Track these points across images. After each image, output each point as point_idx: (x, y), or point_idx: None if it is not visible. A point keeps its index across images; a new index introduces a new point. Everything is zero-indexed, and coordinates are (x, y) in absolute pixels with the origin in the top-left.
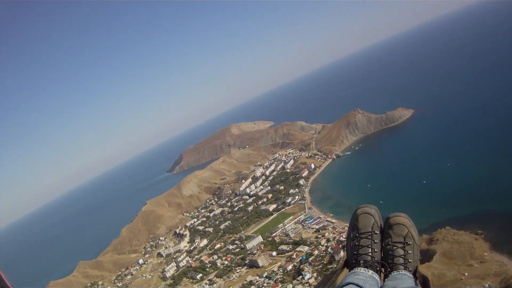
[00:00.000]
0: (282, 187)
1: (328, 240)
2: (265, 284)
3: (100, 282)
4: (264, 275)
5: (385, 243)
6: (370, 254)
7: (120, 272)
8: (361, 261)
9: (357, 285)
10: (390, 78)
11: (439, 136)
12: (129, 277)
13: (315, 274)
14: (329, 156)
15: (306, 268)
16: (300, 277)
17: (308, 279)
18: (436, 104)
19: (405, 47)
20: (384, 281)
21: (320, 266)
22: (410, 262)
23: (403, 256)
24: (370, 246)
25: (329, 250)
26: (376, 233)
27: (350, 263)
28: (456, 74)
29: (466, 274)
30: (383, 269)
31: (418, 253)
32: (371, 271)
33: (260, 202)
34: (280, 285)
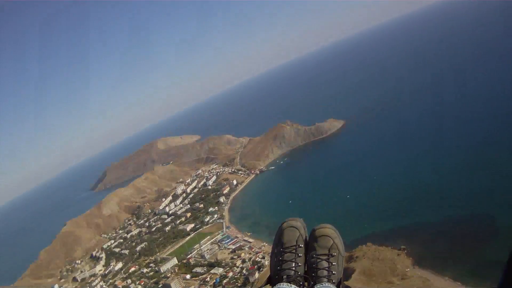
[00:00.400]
0: (201, 205)
1: (243, 261)
2: None
3: None
4: None
5: (309, 256)
6: (293, 268)
7: None
8: (284, 276)
9: None
10: (324, 87)
11: (366, 148)
12: None
13: None
14: (252, 172)
15: None
16: None
17: None
18: (368, 115)
19: (342, 56)
20: None
21: None
22: (334, 274)
23: (327, 269)
24: (293, 260)
25: (244, 271)
26: (301, 247)
27: (273, 279)
28: (391, 84)
29: None
30: (306, 283)
31: (343, 264)
32: (293, 286)
33: (178, 222)
34: None
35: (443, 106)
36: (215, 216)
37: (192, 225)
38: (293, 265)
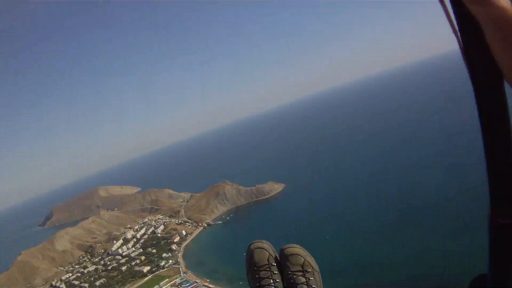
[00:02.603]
0: (154, 250)
1: None
2: None
3: None
4: None
5: (284, 274)
6: (272, 284)
7: None
8: None
9: None
10: (258, 150)
11: (311, 210)
12: None
13: None
14: (200, 224)
15: None
16: None
17: None
18: (306, 179)
19: (276, 121)
20: None
21: None
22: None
23: (305, 283)
24: (270, 277)
25: None
26: (274, 265)
27: None
28: (328, 149)
29: None
30: None
31: (320, 279)
32: None
33: (133, 263)
34: None
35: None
36: (170, 261)
37: (148, 267)
38: (271, 281)
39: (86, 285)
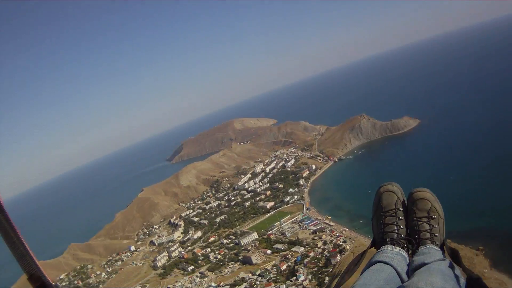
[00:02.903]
0: (281, 185)
1: (325, 243)
2: (257, 283)
3: (89, 266)
4: (257, 273)
5: (410, 219)
6: (396, 231)
7: (110, 257)
8: (388, 239)
9: (385, 262)
10: (398, 87)
11: (444, 148)
12: (119, 263)
13: (309, 277)
14: (331, 159)
15: (301, 269)
16: (294, 278)
17: (302, 281)
18: (443, 116)
19: (416, 58)
20: (412, 256)
21: (315, 268)
22: (436, 236)
23: (429, 231)
24: (395, 223)
25: (326, 253)
26: (400, 210)
27: (377, 242)
28: (469, 87)
29: None
30: (410, 245)
31: (444, 226)
32: (398, 248)
33: (257, 199)
34: (273, 285)
35: None
36: (295, 197)
37: (272, 203)
38: (395, 228)
39: (206, 221)
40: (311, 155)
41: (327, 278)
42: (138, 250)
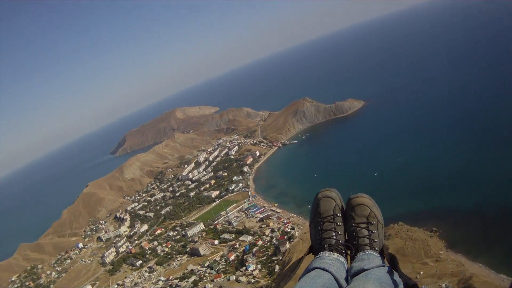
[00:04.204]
0: (225, 174)
1: (272, 231)
2: (206, 275)
3: (40, 266)
4: (206, 265)
5: (348, 225)
6: (334, 237)
7: (60, 256)
8: (326, 245)
9: (323, 269)
10: (341, 69)
11: (389, 129)
12: (68, 261)
13: (259, 266)
14: (275, 144)
15: (250, 259)
16: (244, 268)
17: (252, 270)
18: (387, 96)
19: (358, 40)
20: (351, 262)
21: (265, 257)
22: (375, 241)
23: (367, 237)
24: (333, 229)
25: (274, 241)
26: (338, 216)
27: (315, 248)
28: (410, 68)
29: (421, 272)
30: (349, 251)
31: (383, 232)
32: (336, 254)
33: (202, 188)
34: (223, 276)
35: (457, 91)
36: (240, 185)
37: (217, 192)
38: (333, 234)
39: (152, 214)
40: (255, 142)
41: (277, 267)
42: (86, 247)
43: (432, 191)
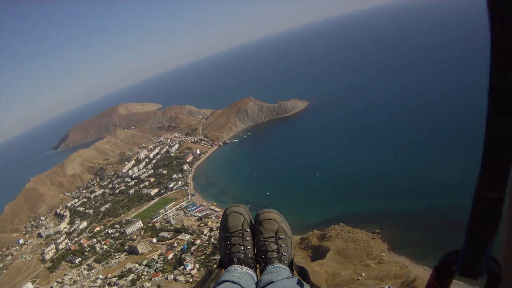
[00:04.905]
0: (165, 171)
1: (211, 230)
2: (144, 273)
3: None
4: (144, 263)
5: (257, 239)
6: (243, 251)
7: (1, 252)
8: (235, 259)
9: (232, 281)
10: (289, 69)
11: (331, 130)
12: (9, 257)
13: (197, 265)
14: (215, 143)
15: (188, 258)
16: (182, 267)
17: (190, 269)
18: (331, 97)
19: (308, 41)
20: (260, 276)
21: (203, 256)
22: (284, 255)
23: (276, 250)
24: (242, 244)
25: (212, 240)
26: (247, 231)
27: (225, 262)
28: (356, 69)
29: (364, 274)
30: (258, 265)
31: (292, 246)
32: (245, 268)
33: (142, 186)
34: (161, 275)
35: (403, 94)
36: (179, 183)
37: (156, 190)
38: (242, 248)
39: (91, 211)
40: (196, 140)
41: (215, 266)
42: (26, 243)
43: (375, 193)
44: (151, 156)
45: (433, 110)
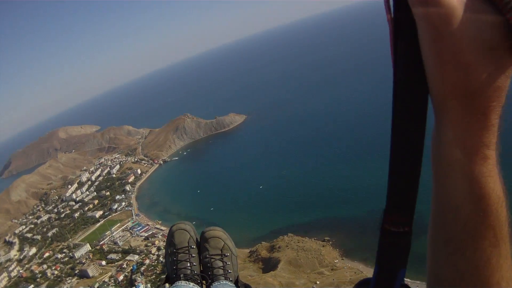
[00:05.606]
0: (108, 193)
1: (158, 249)
2: None
3: None
4: (96, 286)
5: (203, 256)
6: (189, 267)
7: None
8: (181, 275)
9: None
10: (223, 84)
11: (271, 142)
12: None
13: (149, 285)
14: (156, 162)
15: (139, 278)
16: (133, 287)
17: None
18: (269, 110)
19: (240, 54)
20: None
21: (153, 276)
22: (230, 272)
23: (222, 267)
24: (188, 260)
25: (161, 259)
26: (193, 248)
27: (171, 278)
28: (291, 82)
29: (318, 282)
30: (204, 282)
31: (237, 263)
32: (192, 284)
33: (86, 209)
34: None
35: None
36: (123, 203)
37: (101, 212)
38: (188, 264)
39: (39, 237)
40: (136, 160)
41: (167, 285)
42: None
43: (322, 202)
44: (93, 178)
45: (376, 120)
